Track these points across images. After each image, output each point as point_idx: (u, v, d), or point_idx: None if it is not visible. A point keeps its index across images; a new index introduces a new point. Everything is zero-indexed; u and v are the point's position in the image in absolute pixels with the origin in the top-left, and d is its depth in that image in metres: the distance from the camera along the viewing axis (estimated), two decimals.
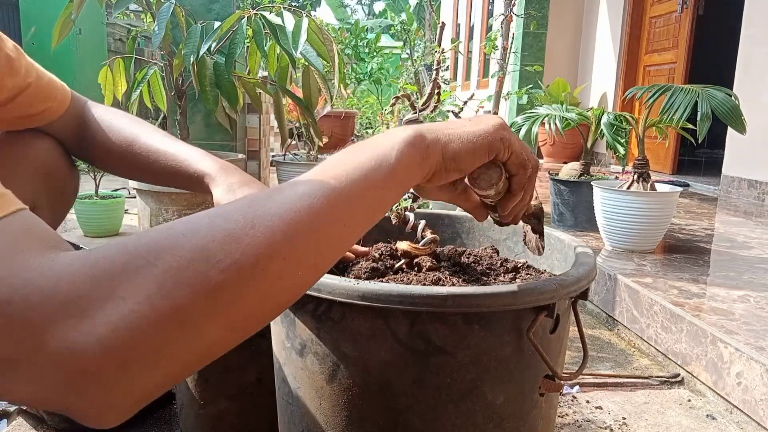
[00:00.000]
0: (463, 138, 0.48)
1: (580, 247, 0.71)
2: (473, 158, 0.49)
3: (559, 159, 5.24)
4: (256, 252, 0.34)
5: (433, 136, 0.47)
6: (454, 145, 0.48)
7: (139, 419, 1.04)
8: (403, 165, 0.44)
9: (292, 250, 0.36)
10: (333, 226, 0.39)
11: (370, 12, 17.91)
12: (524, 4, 5.50)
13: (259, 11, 1.68)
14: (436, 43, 0.88)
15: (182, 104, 1.91)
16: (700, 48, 4.38)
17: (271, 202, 0.36)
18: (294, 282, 0.37)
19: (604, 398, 1.20)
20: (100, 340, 0.29)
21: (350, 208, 0.40)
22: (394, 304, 0.54)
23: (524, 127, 2.21)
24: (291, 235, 0.36)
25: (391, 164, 0.43)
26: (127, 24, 6.34)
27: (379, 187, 0.42)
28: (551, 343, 0.62)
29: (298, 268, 0.36)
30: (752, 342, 1.17)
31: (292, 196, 0.37)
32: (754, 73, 3.27)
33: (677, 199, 1.91)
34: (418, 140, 0.45)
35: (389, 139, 0.45)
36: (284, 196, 0.37)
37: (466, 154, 0.48)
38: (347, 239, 0.41)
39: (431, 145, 0.46)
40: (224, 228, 0.34)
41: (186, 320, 0.31)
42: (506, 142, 0.50)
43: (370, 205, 0.42)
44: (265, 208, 0.36)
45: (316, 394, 0.62)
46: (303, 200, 0.37)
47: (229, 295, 0.33)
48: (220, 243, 0.33)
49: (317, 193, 0.38)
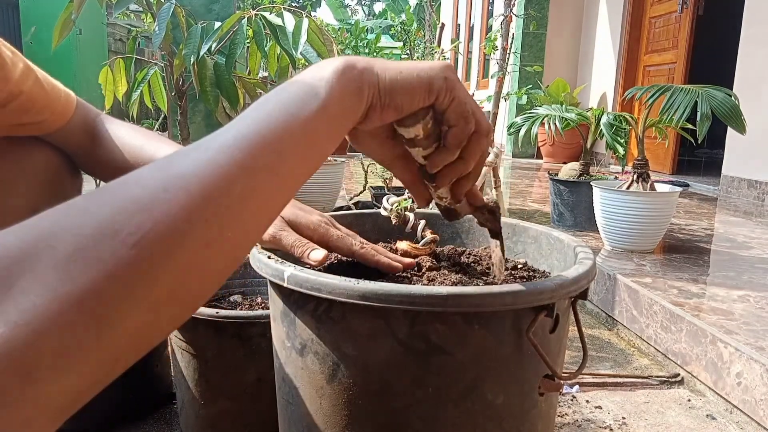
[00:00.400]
0: (402, 71, 0.43)
1: (580, 247, 0.71)
2: (411, 95, 0.43)
3: (558, 159, 5.24)
4: (171, 219, 0.29)
5: (366, 64, 0.42)
6: (391, 75, 0.42)
7: (139, 419, 1.05)
8: (334, 98, 0.39)
9: (215, 212, 0.31)
10: (260, 176, 0.34)
11: (370, 12, 17.92)
12: (524, 5, 5.50)
13: (260, 12, 1.68)
14: (436, 44, 0.88)
15: (182, 104, 1.91)
16: (700, 48, 4.38)
17: (186, 159, 0.32)
18: (226, 246, 0.32)
19: (603, 398, 1.20)
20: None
21: (278, 153, 0.35)
22: (394, 304, 0.54)
23: (524, 128, 2.21)
24: (210, 192, 0.31)
25: (321, 97, 0.38)
26: (128, 24, 6.34)
27: (310, 126, 0.37)
28: (551, 342, 0.62)
29: (226, 229, 0.32)
30: (752, 342, 1.17)
31: (209, 149, 0.33)
32: (754, 73, 3.27)
33: (677, 199, 1.91)
34: (348, 69, 0.40)
35: (316, 71, 0.40)
36: (200, 151, 0.33)
37: (403, 89, 0.43)
38: (280, 190, 0.36)
39: (365, 73, 0.41)
40: (132, 196, 0.29)
41: (98, 309, 0.26)
42: (450, 83, 0.44)
43: (301, 148, 0.37)
44: (179, 167, 0.31)
45: (316, 394, 0.62)
46: (221, 152, 0.33)
47: (147, 273, 0.28)
48: (129, 213, 0.28)
49: (237, 141, 0.33)
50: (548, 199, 2.55)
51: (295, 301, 0.62)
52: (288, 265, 0.60)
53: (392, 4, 14.28)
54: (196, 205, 0.30)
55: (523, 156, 5.80)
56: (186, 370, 0.94)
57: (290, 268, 0.60)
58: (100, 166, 0.76)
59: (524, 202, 3.01)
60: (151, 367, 1.07)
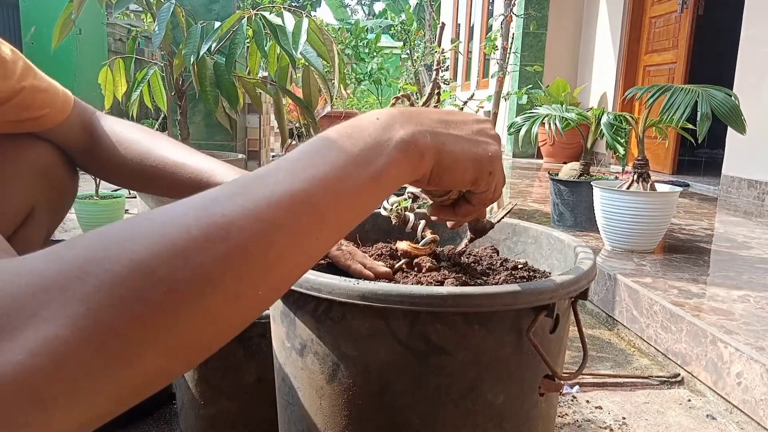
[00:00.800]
0: (458, 156, 0.43)
1: (580, 247, 0.71)
2: (458, 182, 0.45)
3: (558, 159, 5.24)
4: (206, 270, 0.28)
5: (429, 143, 0.41)
6: (447, 161, 0.43)
7: (139, 419, 1.05)
8: (390, 176, 0.38)
9: (251, 270, 0.30)
10: (301, 238, 0.33)
11: (370, 12, 17.91)
12: (524, 4, 5.50)
13: (260, 11, 1.68)
14: (436, 44, 0.88)
15: (182, 104, 1.91)
16: (700, 48, 4.38)
17: (229, 204, 0.31)
18: (254, 301, 0.31)
19: (604, 398, 1.20)
20: (15, 371, 0.24)
21: (321, 217, 0.34)
22: (394, 304, 0.54)
23: (524, 127, 2.21)
24: (250, 250, 0.30)
25: (378, 171, 0.37)
26: (128, 24, 6.34)
27: (359, 193, 0.37)
28: (551, 342, 0.62)
29: (258, 287, 0.31)
30: (752, 342, 1.17)
31: (255, 197, 0.32)
32: (754, 73, 3.27)
33: (677, 199, 1.91)
34: (412, 148, 0.40)
35: (381, 137, 0.39)
36: (246, 198, 0.31)
37: (453, 174, 0.43)
38: (317, 251, 0.35)
39: (426, 154, 0.41)
40: (170, 238, 0.28)
41: (119, 349, 0.26)
42: (493, 177, 0.47)
43: (345, 213, 0.36)
44: (222, 214, 0.30)
45: (316, 394, 0.62)
46: (268, 207, 0.31)
47: (172, 319, 0.27)
48: (165, 257, 0.28)
49: (284, 198, 0.32)
50: (548, 199, 2.55)
51: (295, 301, 0.62)
52: None
53: (392, 4, 14.28)
54: (234, 260, 0.29)
55: (524, 156, 5.80)
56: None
57: None
58: (98, 162, 0.77)
59: (524, 202, 3.01)
60: None
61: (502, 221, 0.87)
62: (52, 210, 0.86)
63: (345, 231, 0.37)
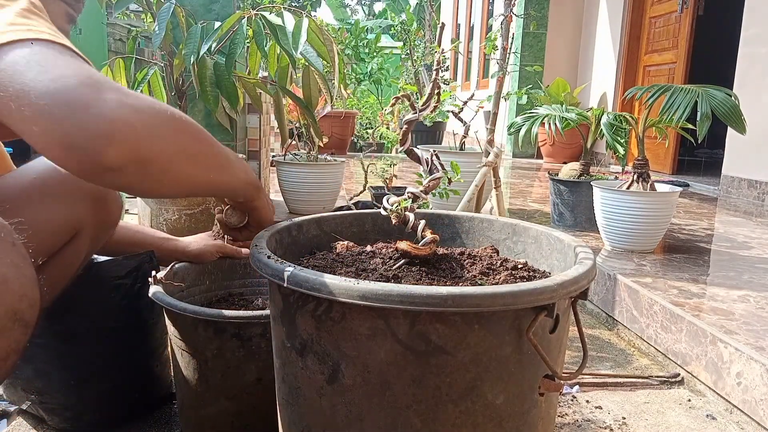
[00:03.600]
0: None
1: (580, 247, 0.71)
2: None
3: (558, 159, 5.24)
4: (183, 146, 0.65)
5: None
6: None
7: (139, 419, 1.05)
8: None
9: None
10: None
11: (370, 12, 17.90)
12: (524, 4, 5.50)
13: (260, 11, 1.68)
14: (436, 44, 0.88)
15: (182, 104, 1.91)
16: (700, 48, 4.38)
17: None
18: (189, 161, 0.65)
19: (603, 398, 1.20)
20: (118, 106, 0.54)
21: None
22: (394, 304, 0.54)
23: (524, 128, 2.21)
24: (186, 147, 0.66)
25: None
26: (128, 24, 6.34)
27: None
28: (551, 342, 0.62)
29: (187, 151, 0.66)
30: (752, 342, 1.17)
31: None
32: (754, 73, 3.27)
33: (677, 199, 1.91)
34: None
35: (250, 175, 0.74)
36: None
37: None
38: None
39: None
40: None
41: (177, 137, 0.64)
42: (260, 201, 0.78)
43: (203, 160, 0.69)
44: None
45: (316, 394, 0.62)
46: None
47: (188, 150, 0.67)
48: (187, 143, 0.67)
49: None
50: (548, 199, 2.55)
51: (295, 301, 0.62)
52: (288, 265, 0.60)
53: (392, 4, 14.27)
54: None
55: (523, 156, 5.80)
56: (186, 370, 0.94)
57: (290, 268, 0.60)
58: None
59: (524, 202, 3.01)
60: (151, 367, 1.07)
61: (503, 222, 0.87)
62: (95, 237, 0.89)
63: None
